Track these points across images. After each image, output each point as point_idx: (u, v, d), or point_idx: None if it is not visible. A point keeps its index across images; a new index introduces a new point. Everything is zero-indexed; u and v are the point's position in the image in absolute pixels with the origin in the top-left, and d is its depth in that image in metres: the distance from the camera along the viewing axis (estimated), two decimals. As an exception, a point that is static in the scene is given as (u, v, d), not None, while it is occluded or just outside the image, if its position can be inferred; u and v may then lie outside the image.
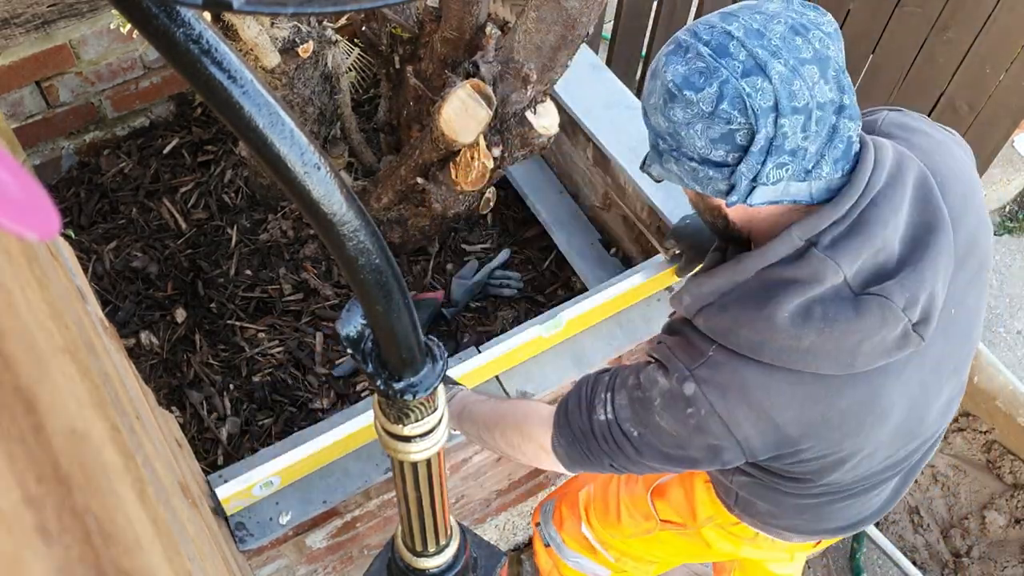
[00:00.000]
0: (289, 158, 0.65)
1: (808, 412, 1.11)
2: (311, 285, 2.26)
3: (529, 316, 2.07)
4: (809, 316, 1.04)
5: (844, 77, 1.01)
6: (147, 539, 0.51)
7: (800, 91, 0.97)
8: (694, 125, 1.01)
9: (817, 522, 1.42)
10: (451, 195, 1.94)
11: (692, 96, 0.99)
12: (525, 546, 2.45)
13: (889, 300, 1.03)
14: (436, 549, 1.34)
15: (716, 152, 1.02)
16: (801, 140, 0.99)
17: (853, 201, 1.03)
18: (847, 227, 1.04)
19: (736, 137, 1.00)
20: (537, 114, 1.83)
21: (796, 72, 0.97)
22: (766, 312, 1.06)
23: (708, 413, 1.11)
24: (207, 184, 2.45)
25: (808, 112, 0.98)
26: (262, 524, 1.66)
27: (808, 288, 1.04)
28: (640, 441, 1.20)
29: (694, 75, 0.99)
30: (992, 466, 2.62)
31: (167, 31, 0.55)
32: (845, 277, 1.04)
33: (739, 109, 0.97)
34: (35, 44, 2.23)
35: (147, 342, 2.20)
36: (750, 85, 0.96)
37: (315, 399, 2.11)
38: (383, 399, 1.02)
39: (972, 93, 2.70)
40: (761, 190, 1.03)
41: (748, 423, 1.11)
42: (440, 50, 1.92)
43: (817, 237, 1.04)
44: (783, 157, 1.00)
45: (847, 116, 1.02)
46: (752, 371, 1.10)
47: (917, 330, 1.06)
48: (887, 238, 1.04)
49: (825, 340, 1.04)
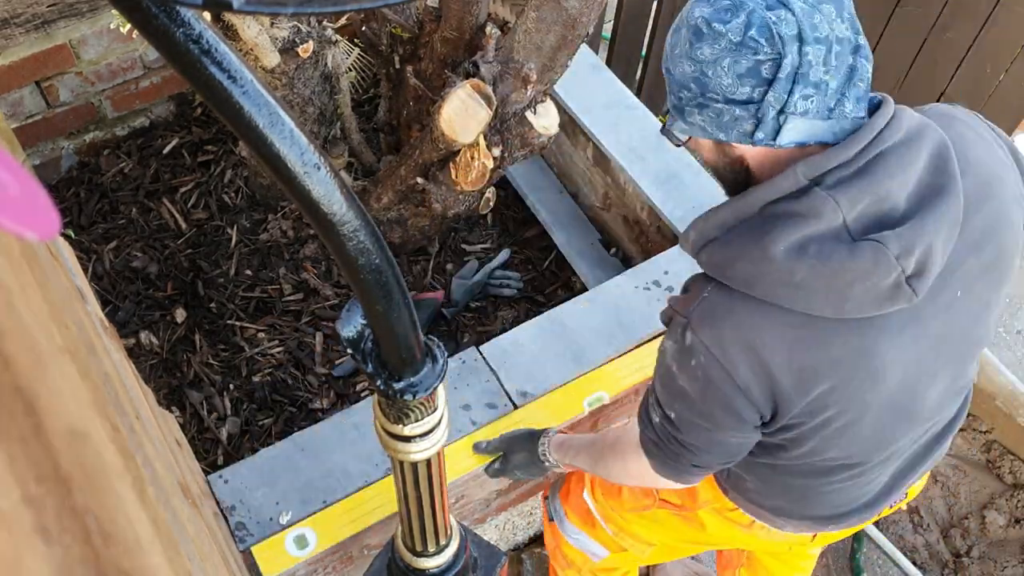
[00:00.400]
0: (289, 158, 0.65)
1: (799, 357, 1.12)
2: (311, 285, 2.26)
3: (529, 316, 2.07)
4: (804, 251, 1.06)
5: (857, 23, 1.06)
6: (147, 539, 0.51)
7: (820, 23, 1.02)
8: (721, 61, 1.05)
9: (802, 506, 1.42)
10: (451, 195, 1.94)
11: (721, 28, 1.04)
12: (525, 546, 2.45)
13: (883, 246, 1.05)
14: (436, 549, 1.34)
15: (742, 89, 1.05)
16: (823, 73, 1.03)
17: (861, 146, 1.06)
18: (853, 171, 1.06)
19: (762, 70, 1.03)
20: (537, 114, 1.83)
21: (815, 8, 1.02)
22: (763, 243, 1.08)
23: (708, 359, 1.14)
24: (207, 184, 2.45)
25: (828, 44, 1.02)
26: (262, 524, 1.66)
27: (805, 223, 1.06)
28: (680, 420, 1.23)
29: (721, 11, 1.04)
30: (992, 466, 2.62)
31: (167, 31, 0.55)
32: (844, 219, 1.06)
33: (766, 38, 1.02)
34: (35, 44, 2.23)
35: (147, 342, 2.20)
36: (776, 16, 1.02)
37: (315, 399, 2.11)
38: (383, 399, 1.02)
39: (972, 93, 2.69)
40: (788, 128, 1.05)
41: (743, 364, 1.13)
42: (440, 50, 1.92)
43: (821, 177, 1.07)
44: (808, 88, 1.03)
45: (863, 56, 1.06)
46: (745, 307, 1.13)
47: (911, 283, 1.07)
48: (892, 190, 1.06)
49: (816, 276, 1.06)
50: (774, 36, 1.01)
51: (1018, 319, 3.09)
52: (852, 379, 1.15)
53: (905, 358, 1.17)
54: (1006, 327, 3.08)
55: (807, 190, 1.07)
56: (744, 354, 1.13)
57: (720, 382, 1.15)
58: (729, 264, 1.13)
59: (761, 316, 1.12)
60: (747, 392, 1.15)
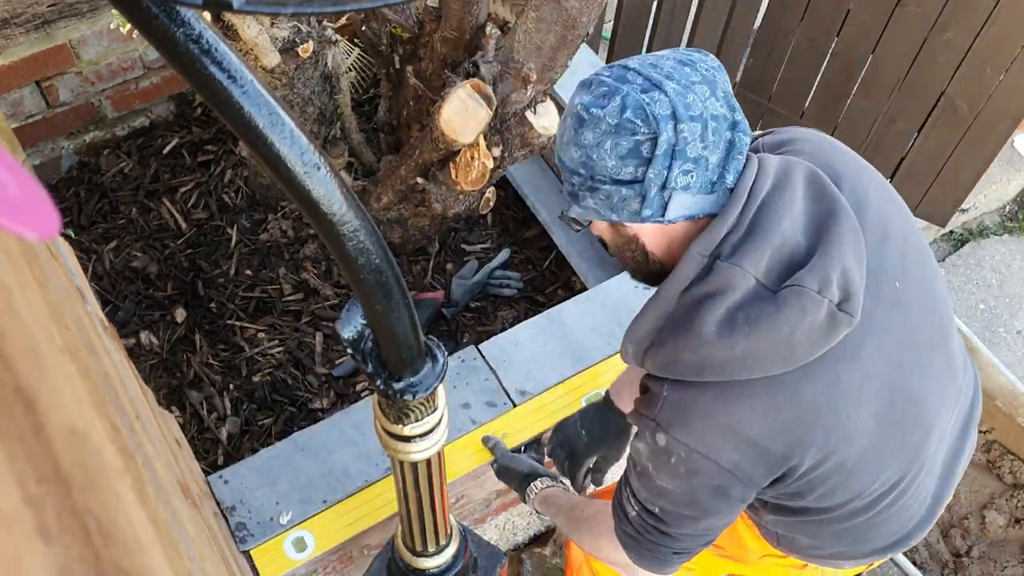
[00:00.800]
0: (289, 158, 0.65)
1: (776, 419, 1.13)
2: (311, 285, 2.26)
3: (529, 316, 2.07)
4: (733, 323, 1.09)
5: (733, 101, 1.11)
6: (147, 539, 0.51)
7: (694, 103, 1.06)
8: (603, 144, 1.09)
9: (861, 544, 1.40)
10: (451, 195, 1.94)
11: (599, 112, 1.08)
12: (525, 546, 2.45)
13: (802, 287, 1.07)
14: (436, 549, 1.34)
15: (626, 169, 1.09)
16: (701, 149, 1.07)
17: (740, 208, 1.10)
18: (743, 233, 1.09)
19: (642, 149, 1.07)
20: (537, 114, 1.83)
21: (689, 88, 1.07)
22: (694, 331, 1.10)
23: (688, 453, 1.15)
24: (207, 184, 2.45)
25: (704, 121, 1.06)
26: (262, 524, 1.66)
27: (724, 298, 1.09)
28: (664, 513, 1.23)
29: (599, 98, 1.09)
30: (992, 466, 2.62)
31: (167, 31, 0.55)
32: (757, 279, 1.09)
33: (641, 118, 1.06)
34: (35, 44, 2.23)
35: (147, 342, 2.20)
36: (649, 97, 1.06)
37: (315, 399, 2.11)
38: (383, 399, 1.02)
39: (972, 93, 2.69)
40: (674, 203, 1.09)
41: (727, 448, 1.14)
42: (440, 50, 1.92)
43: (718, 249, 1.10)
44: (687, 164, 1.07)
45: (741, 131, 1.10)
46: (706, 396, 1.14)
47: (843, 308, 1.09)
48: (785, 234, 1.09)
49: (756, 341, 1.08)
50: (648, 116, 1.06)
51: (1018, 319, 3.09)
52: (837, 415, 1.15)
53: (879, 370, 1.17)
54: (1006, 327, 3.08)
55: (710, 267, 1.10)
56: (724, 438, 1.14)
57: (706, 471, 1.15)
58: (673, 361, 1.14)
59: (725, 398, 1.13)
60: (736, 471, 1.15)
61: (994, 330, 3.07)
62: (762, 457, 1.14)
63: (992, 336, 3.06)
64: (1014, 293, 3.15)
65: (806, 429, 1.13)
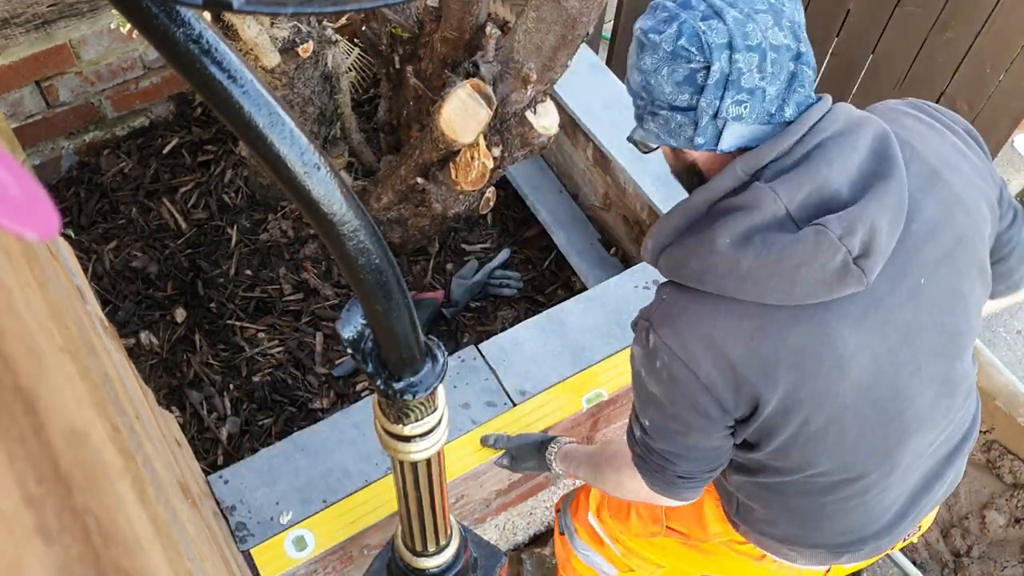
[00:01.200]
0: (289, 158, 0.65)
1: (759, 349, 1.14)
2: (311, 285, 2.26)
3: (529, 315, 2.07)
4: (748, 241, 1.09)
5: (801, 31, 1.09)
6: (147, 539, 0.51)
7: (753, 32, 1.05)
8: (661, 70, 1.09)
9: (812, 531, 1.39)
10: (451, 195, 1.94)
11: (656, 38, 1.08)
12: (525, 546, 2.45)
13: (825, 228, 1.07)
14: (436, 549, 1.34)
15: (681, 96, 1.10)
16: (758, 80, 1.06)
17: (796, 138, 1.09)
18: (791, 163, 1.09)
19: (697, 77, 1.08)
20: (537, 114, 1.83)
21: (750, 17, 1.06)
22: (709, 238, 1.12)
23: (671, 358, 1.17)
24: (207, 184, 2.45)
25: (762, 52, 1.05)
26: (262, 524, 1.66)
27: (748, 215, 1.09)
28: (653, 427, 1.25)
29: (659, 23, 1.09)
30: (992, 466, 2.62)
31: (167, 31, 0.55)
32: (786, 208, 1.09)
33: (696, 46, 1.06)
34: (35, 44, 2.23)
35: (147, 342, 2.20)
36: (707, 25, 1.06)
37: (315, 399, 2.11)
38: (383, 399, 1.02)
39: (972, 93, 2.69)
40: (728, 133, 1.09)
41: (706, 362, 1.15)
42: (440, 50, 1.92)
43: (760, 171, 1.10)
44: (741, 94, 1.07)
45: (804, 63, 1.09)
46: (699, 303, 1.16)
47: (859, 263, 1.08)
48: (832, 177, 1.09)
49: (762, 264, 1.08)
50: (703, 44, 1.06)
51: (1018, 319, 3.09)
52: (818, 369, 1.15)
53: (872, 347, 1.16)
54: (1006, 327, 3.08)
55: (747, 184, 1.11)
56: (705, 350, 1.15)
57: (685, 380, 1.17)
58: (682, 264, 1.16)
59: (715, 309, 1.15)
60: (712, 389, 1.16)
61: (994, 330, 3.07)
62: (737, 384, 1.16)
63: (992, 336, 3.06)
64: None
65: (783, 370, 1.14)
